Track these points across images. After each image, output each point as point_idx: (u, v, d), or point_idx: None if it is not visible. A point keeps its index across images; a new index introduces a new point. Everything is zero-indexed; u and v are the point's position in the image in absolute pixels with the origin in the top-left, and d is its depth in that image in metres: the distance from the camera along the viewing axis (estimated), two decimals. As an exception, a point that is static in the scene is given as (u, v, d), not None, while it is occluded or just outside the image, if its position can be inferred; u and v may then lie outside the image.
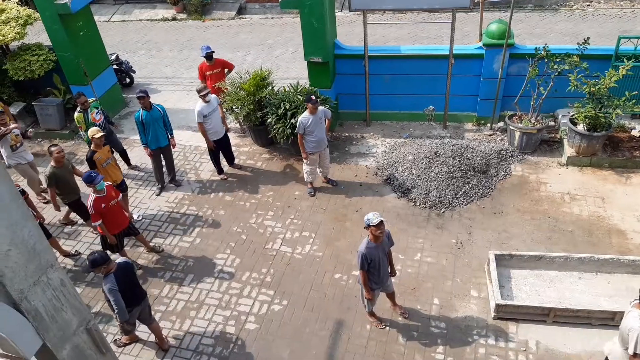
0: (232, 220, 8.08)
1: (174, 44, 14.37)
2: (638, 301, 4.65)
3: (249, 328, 6.51)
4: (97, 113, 8.58)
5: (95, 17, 10.94)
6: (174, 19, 15.97)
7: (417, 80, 9.33)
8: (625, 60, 7.76)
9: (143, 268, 7.46)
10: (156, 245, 7.78)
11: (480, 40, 8.99)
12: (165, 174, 8.89)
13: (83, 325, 4.16)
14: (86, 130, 8.52)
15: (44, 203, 8.72)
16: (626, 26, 12.63)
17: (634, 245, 6.94)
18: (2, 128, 8.05)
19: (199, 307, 6.84)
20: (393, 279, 6.16)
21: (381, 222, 5.34)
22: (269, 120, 8.70)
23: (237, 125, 10.03)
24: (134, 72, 12.20)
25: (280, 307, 6.72)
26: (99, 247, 7.24)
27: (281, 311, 6.66)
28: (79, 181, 7.66)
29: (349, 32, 13.39)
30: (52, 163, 7.29)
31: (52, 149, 7.26)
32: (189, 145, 9.84)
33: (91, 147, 7.55)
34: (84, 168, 7.94)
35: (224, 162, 9.07)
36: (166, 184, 8.89)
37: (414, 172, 8.32)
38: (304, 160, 8.10)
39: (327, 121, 7.94)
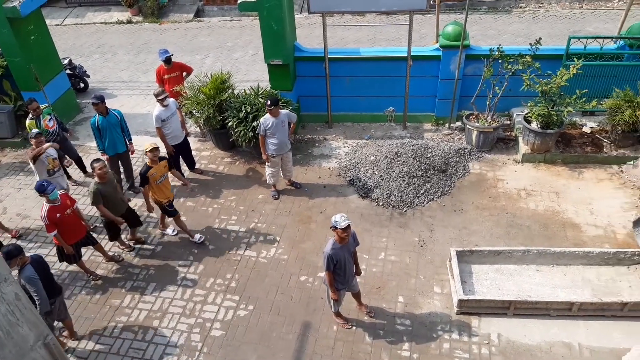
0: (195, 226, 7.95)
1: (130, 47, 14.04)
2: None
3: (214, 335, 6.42)
4: (49, 119, 8.30)
5: (47, 21, 10.58)
6: (129, 21, 15.61)
7: (377, 82, 9.44)
8: (575, 59, 8.08)
9: (102, 278, 7.25)
10: (115, 254, 7.57)
11: (437, 42, 9.18)
12: (123, 180, 8.66)
13: (40, 340, 4.01)
14: None
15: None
16: (576, 26, 13.17)
17: (587, 238, 7.23)
18: (44, 156, 7.39)
19: (162, 316, 6.69)
20: (358, 279, 6.20)
21: (348, 225, 5.36)
22: (230, 123, 8.61)
23: (197, 130, 9.89)
24: (88, 76, 11.86)
25: (246, 312, 6.65)
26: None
27: (247, 316, 6.60)
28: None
29: (308, 34, 13.43)
30: (96, 179, 6.76)
31: (95, 164, 6.68)
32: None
33: (146, 162, 7.02)
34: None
35: (184, 167, 8.92)
36: (125, 191, 8.67)
37: (376, 172, 8.41)
38: (267, 163, 8.06)
39: (291, 125, 7.92)
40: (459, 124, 9.48)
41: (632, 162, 8.30)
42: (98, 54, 13.78)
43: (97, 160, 6.79)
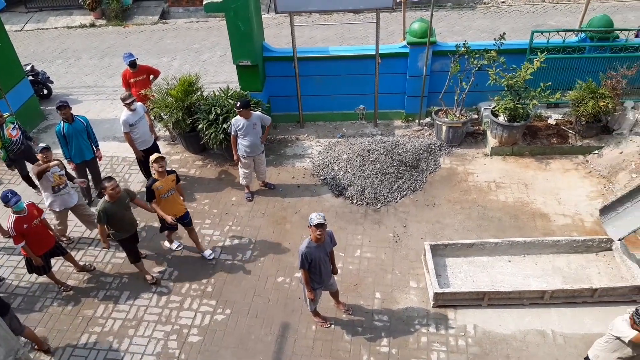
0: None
1: (94, 51, 13.74)
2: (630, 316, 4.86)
3: (192, 341, 6.34)
4: (13, 128, 8.05)
5: (7, 27, 10.31)
6: (92, 25, 15.27)
7: (347, 81, 9.47)
8: (538, 53, 8.27)
9: (74, 289, 7.07)
10: (87, 263, 7.39)
11: (404, 39, 9.27)
12: (92, 188, 8.47)
13: (11, 355, 3.90)
14: (2, 147, 7.98)
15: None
16: (538, 20, 13.49)
17: (556, 227, 7.42)
18: (49, 173, 6.96)
19: (138, 325, 6.57)
20: (335, 277, 6.21)
21: (320, 224, 5.34)
22: (200, 126, 8.52)
23: (167, 133, 9.75)
24: (52, 82, 11.55)
25: (223, 316, 6.59)
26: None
27: (224, 320, 6.54)
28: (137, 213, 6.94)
29: (276, 34, 13.38)
30: (106, 197, 6.31)
31: (107, 184, 6.21)
32: (116, 156, 9.44)
33: (153, 175, 6.64)
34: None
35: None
36: (94, 198, 8.47)
37: (349, 170, 8.44)
38: (239, 164, 8.00)
39: (266, 128, 7.87)
40: (428, 120, 9.60)
41: (596, 152, 8.56)
42: (61, 59, 13.43)
43: (109, 179, 6.26)
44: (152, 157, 6.56)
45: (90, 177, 8.30)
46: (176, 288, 7.00)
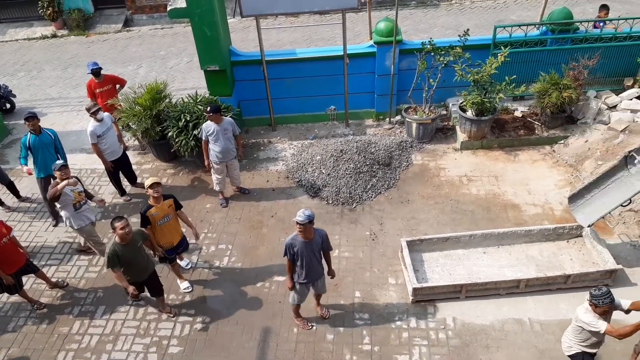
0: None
1: (57, 62, 13.42)
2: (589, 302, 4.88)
3: (172, 352, 6.24)
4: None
5: (-38, 40, 9.93)
6: (54, 36, 14.92)
7: (317, 82, 9.49)
8: (502, 47, 8.44)
9: (47, 306, 6.88)
10: (59, 280, 7.20)
11: (371, 39, 9.35)
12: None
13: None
14: None
15: None
16: (500, 16, 13.79)
17: (528, 217, 7.58)
18: (68, 190, 6.59)
19: (115, 339, 6.44)
20: (330, 280, 6.19)
21: (300, 222, 5.32)
22: (170, 133, 8.41)
23: (136, 143, 9.59)
24: (14, 96, 11.23)
25: (203, 325, 6.51)
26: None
27: (205, 329, 6.46)
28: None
29: (243, 38, 13.33)
30: (117, 239, 5.71)
31: (116, 223, 5.58)
32: (84, 168, 9.23)
33: (149, 201, 6.26)
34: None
35: (125, 182, 8.62)
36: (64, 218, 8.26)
37: (323, 171, 8.46)
38: (212, 170, 7.93)
39: (238, 139, 7.82)
40: (398, 117, 9.69)
41: (562, 142, 8.79)
42: (23, 72, 13.08)
43: (119, 218, 5.66)
44: (147, 182, 6.13)
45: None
46: (154, 299, 6.87)
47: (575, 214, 6.92)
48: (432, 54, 8.58)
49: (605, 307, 4.73)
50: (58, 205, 6.79)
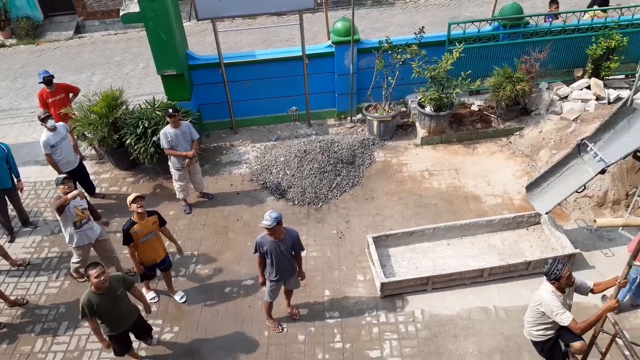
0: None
1: (6, 72, 12.91)
2: (550, 280, 4.79)
3: (141, 363, 6.11)
4: None
5: None
6: (2, 45, 14.35)
7: (277, 83, 9.47)
8: (457, 43, 8.64)
9: (7, 326, 6.60)
10: (19, 297, 6.93)
11: (328, 39, 9.40)
12: (16, 217, 7.96)
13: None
14: None
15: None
16: (454, 13, 14.09)
17: (488, 207, 7.78)
18: (71, 207, 6.29)
19: (81, 355, 6.24)
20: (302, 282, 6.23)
21: (267, 227, 5.32)
22: (128, 141, 8.22)
23: (93, 152, 9.33)
24: (-39, 108, 10.76)
25: (171, 334, 6.39)
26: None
27: (173, 339, 6.34)
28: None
29: (200, 41, 13.17)
30: (92, 288, 5.14)
31: (90, 271, 5.03)
32: (39, 181, 8.92)
33: (132, 217, 5.99)
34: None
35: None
36: (20, 228, 7.97)
37: (287, 172, 8.45)
38: (173, 177, 7.80)
39: (194, 143, 7.69)
40: (359, 116, 9.78)
41: (517, 133, 9.06)
42: (-32, 83, 12.53)
43: (94, 265, 5.09)
44: (130, 198, 5.87)
45: (11, 206, 7.79)
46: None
47: (533, 202, 7.16)
48: (390, 52, 8.70)
49: (565, 273, 4.63)
50: (60, 220, 6.42)
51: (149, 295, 6.75)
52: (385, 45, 8.68)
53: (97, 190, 8.51)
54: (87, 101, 8.61)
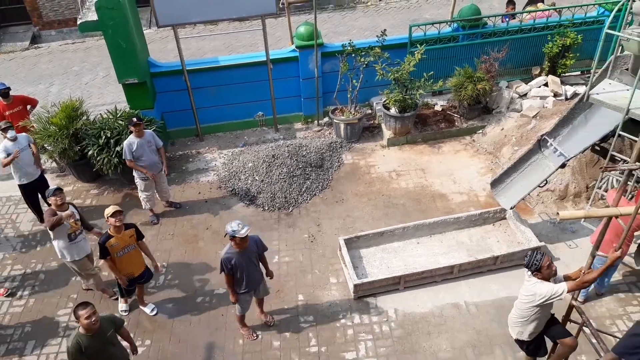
0: (69, 270, 7.26)
1: (-43, 85, 12.40)
2: (529, 272, 4.79)
3: (112, 380, 5.94)
4: None
5: None
6: (-48, 57, 13.80)
7: (242, 89, 9.41)
8: (418, 45, 8.80)
9: (-33, 350, 6.34)
10: (-21, 319, 6.65)
11: (292, 44, 9.41)
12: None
13: None
14: None
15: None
16: (414, 15, 14.34)
17: (455, 205, 7.93)
18: (59, 213, 5.96)
19: (49, 375, 6.04)
20: (268, 283, 6.13)
21: (243, 235, 5.26)
22: (90, 152, 8.02)
23: (54, 165, 9.05)
24: None
25: (143, 348, 6.24)
26: None
27: (146, 352, 6.20)
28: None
29: (162, 48, 12.98)
30: (81, 330, 4.75)
31: (80, 312, 4.65)
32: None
33: (108, 230, 5.85)
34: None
35: (45, 207, 8.11)
36: (-22, 246, 7.66)
37: (256, 178, 8.40)
38: (139, 188, 7.64)
39: (160, 151, 7.57)
40: (326, 119, 9.83)
41: (480, 131, 9.28)
42: None
43: (84, 305, 4.69)
44: (108, 211, 5.74)
45: None
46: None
47: (498, 198, 7.33)
48: (353, 55, 8.78)
49: (547, 262, 4.63)
50: (52, 235, 6.21)
51: (122, 307, 6.61)
52: (349, 48, 8.75)
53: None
54: (46, 113, 8.37)
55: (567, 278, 4.89)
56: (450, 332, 6.15)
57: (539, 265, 4.67)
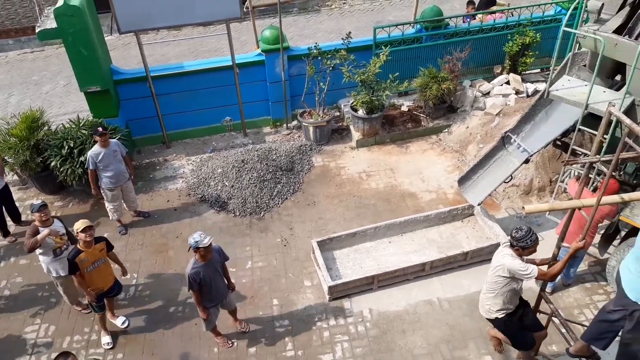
0: (35, 285, 7.04)
1: None
2: (508, 243, 4.77)
3: (84, 397, 5.79)
4: None
5: None
6: None
7: (208, 94, 9.32)
8: (383, 47, 8.90)
9: None
10: (-61, 341, 6.37)
11: (258, 47, 9.38)
12: None
13: None
14: None
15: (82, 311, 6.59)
16: (378, 17, 14.50)
17: (425, 203, 8.05)
18: (42, 229, 5.81)
19: (15, 395, 5.83)
20: (232, 294, 6.08)
21: (205, 245, 5.18)
22: (53, 163, 7.80)
23: (16, 177, 8.76)
24: None
25: (115, 361, 6.11)
26: None
27: (118, 365, 6.07)
28: None
29: (125, 55, 12.75)
30: None
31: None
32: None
33: (78, 245, 5.59)
34: None
35: (8, 221, 7.84)
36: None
37: (226, 184, 8.33)
38: (105, 198, 7.47)
39: (126, 159, 7.42)
40: (295, 122, 9.82)
41: (446, 130, 9.44)
42: None
43: (65, 354, 4.37)
44: (79, 225, 5.51)
45: None
46: (56, 344, 6.32)
47: (466, 195, 7.48)
48: (319, 58, 8.81)
49: (534, 246, 4.61)
50: (38, 252, 6.00)
51: (118, 322, 6.42)
52: (315, 51, 8.78)
53: (23, 218, 7.99)
54: (6, 124, 8.11)
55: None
56: (425, 328, 6.23)
57: (530, 245, 4.59)
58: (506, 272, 4.70)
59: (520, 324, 5.14)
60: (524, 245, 4.61)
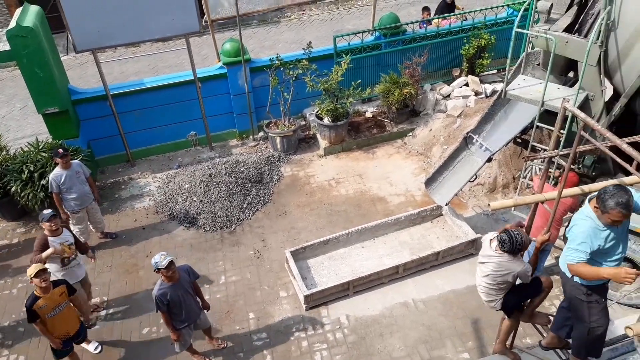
0: (0, 316, 6.77)
1: None
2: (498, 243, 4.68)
3: None
4: None
5: None
6: None
7: (172, 109, 9.22)
8: (344, 55, 9.01)
9: None
10: None
11: (219, 61, 9.35)
12: None
13: None
14: None
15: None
16: (337, 26, 14.68)
17: (394, 206, 8.15)
18: (52, 239, 5.73)
19: None
20: (207, 312, 5.97)
21: (170, 262, 5.06)
22: (13, 188, 7.54)
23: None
24: None
25: (89, 388, 5.92)
26: None
27: (92, 393, 5.88)
28: None
29: (82, 74, 12.48)
30: None
31: None
32: None
33: (34, 291, 5.18)
34: None
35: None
36: None
37: (195, 199, 8.23)
38: (71, 221, 7.26)
39: (89, 180, 7.22)
40: (261, 134, 9.81)
41: (410, 134, 9.61)
42: None
43: None
44: (31, 271, 5.06)
45: None
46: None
47: (433, 196, 7.61)
48: (282, 68, 8.85)
49: (525, 243, 4.52)
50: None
51: (90, 347, 6.18)
52: (277, 62, 8.82)
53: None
54: (-41, 151, 7.80)
55: None
56: (402, 330, 6.28)
57: (522, 246, 4.52)
58: (514, 277, 4.67)
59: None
60: (519, 249, 4.56)
